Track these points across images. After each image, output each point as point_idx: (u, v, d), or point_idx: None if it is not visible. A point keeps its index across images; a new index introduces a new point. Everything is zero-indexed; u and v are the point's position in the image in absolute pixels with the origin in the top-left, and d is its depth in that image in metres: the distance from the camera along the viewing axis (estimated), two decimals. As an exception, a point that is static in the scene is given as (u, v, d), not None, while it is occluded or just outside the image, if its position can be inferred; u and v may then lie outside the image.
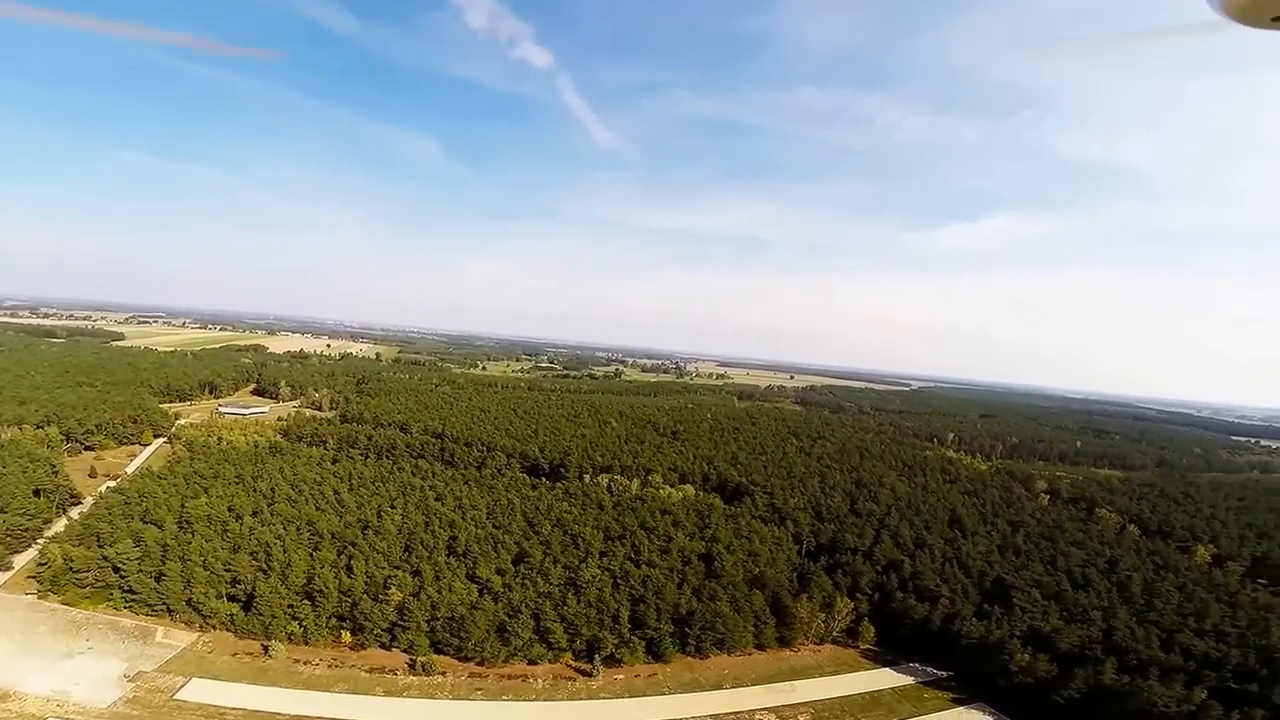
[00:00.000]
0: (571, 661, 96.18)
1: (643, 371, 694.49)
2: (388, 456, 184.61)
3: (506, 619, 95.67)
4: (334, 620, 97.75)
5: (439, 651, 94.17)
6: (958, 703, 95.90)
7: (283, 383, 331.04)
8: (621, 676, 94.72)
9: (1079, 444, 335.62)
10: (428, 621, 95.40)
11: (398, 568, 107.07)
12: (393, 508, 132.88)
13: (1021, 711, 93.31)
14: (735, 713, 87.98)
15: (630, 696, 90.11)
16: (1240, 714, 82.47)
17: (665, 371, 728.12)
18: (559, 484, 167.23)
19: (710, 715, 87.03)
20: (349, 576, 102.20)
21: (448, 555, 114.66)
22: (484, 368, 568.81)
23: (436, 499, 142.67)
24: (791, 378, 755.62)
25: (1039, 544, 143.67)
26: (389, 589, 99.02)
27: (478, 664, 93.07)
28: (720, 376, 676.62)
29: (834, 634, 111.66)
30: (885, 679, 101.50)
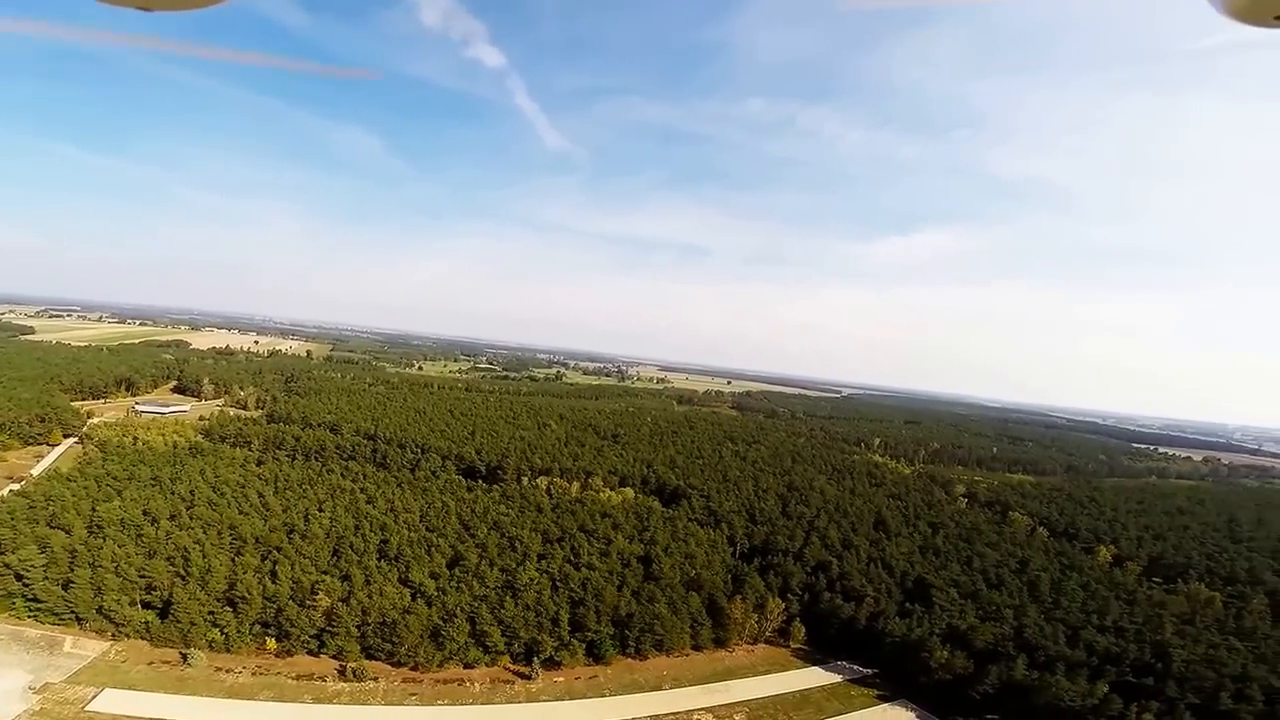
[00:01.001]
0: (510, 665, 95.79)
1: (584, 374, 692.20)
2: (316, 458, 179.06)
3: (441, 623, 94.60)
4: (258, 627, 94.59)
5: (370, 657, 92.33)
6: (883, 699, 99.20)
7: (206, 380, 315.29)
8: (561, 679, 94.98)
9: (995, 450, 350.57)
10: (358, 627, 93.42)
11: (326, 573, 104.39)
12: (321, 511, 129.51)
13: (941, 707, 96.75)
14: (674, 713, 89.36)
15: (570, 699, 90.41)
16: (1138, 706, 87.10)
17: (607, 375, 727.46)
18: (496, 486, 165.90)
19: (650, 716, 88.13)
20: (274, 582, 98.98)
21: (379, 559, 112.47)
22: (420, 368, 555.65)
23: (367, 502, 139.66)
24: (729, 383, 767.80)
25: (957, 545, 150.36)
26: (316, 594, 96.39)
27: (411, 669, 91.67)
28: (661, 381, 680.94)
29: (766, 634, 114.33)
30: (815, 678, 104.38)
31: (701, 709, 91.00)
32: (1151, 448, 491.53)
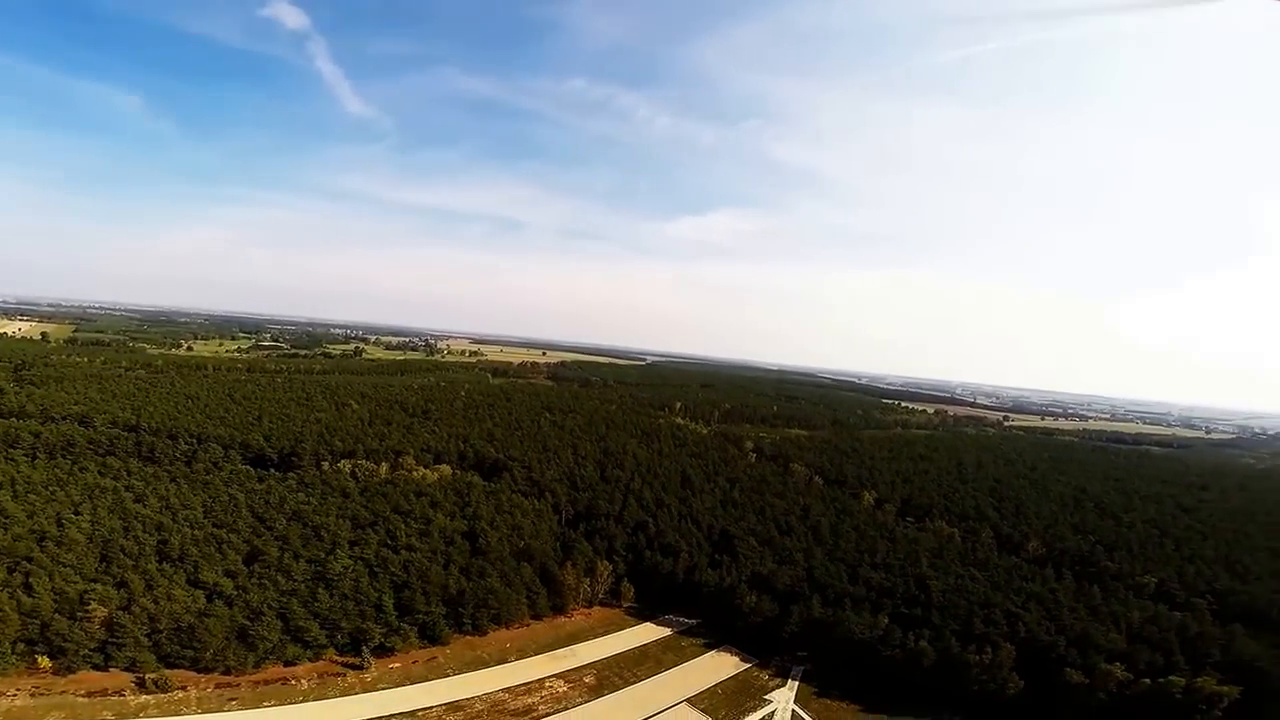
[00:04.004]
0: (336, 657, 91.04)
1: (387, 349, 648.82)
2: (64, 455, 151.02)
3: (248, 623, 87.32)
4: (22, 645, 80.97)
5: (171, 666, 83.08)
6: (709, 647, 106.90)
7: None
8: (398, 665, 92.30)
9: (775, 408, 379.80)
10: (148, 635, 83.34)
11: (95, 580, 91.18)
12: (77, 514, 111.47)
13: (758, 649, 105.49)
14: (526, 683, 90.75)
15: (411, 683, 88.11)
16: (914, 635, 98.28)
17: (413, 349, 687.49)
18: (292, 474, 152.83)
19: (503, 689, 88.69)
20: (29, 595, 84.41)
21: (159, 562, 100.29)
22: (190, 348, 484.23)
23: (136, 500, 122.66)
24: (544, 354, 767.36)
25: (751, 497, 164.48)
26: (88, 604, 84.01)
27: (224, 674, 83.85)
28: (473, 354, 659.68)
29: (599, 596, 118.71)
30: (649, 633, 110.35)
31: (552, 676, 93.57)
32: (896, 402, 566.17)
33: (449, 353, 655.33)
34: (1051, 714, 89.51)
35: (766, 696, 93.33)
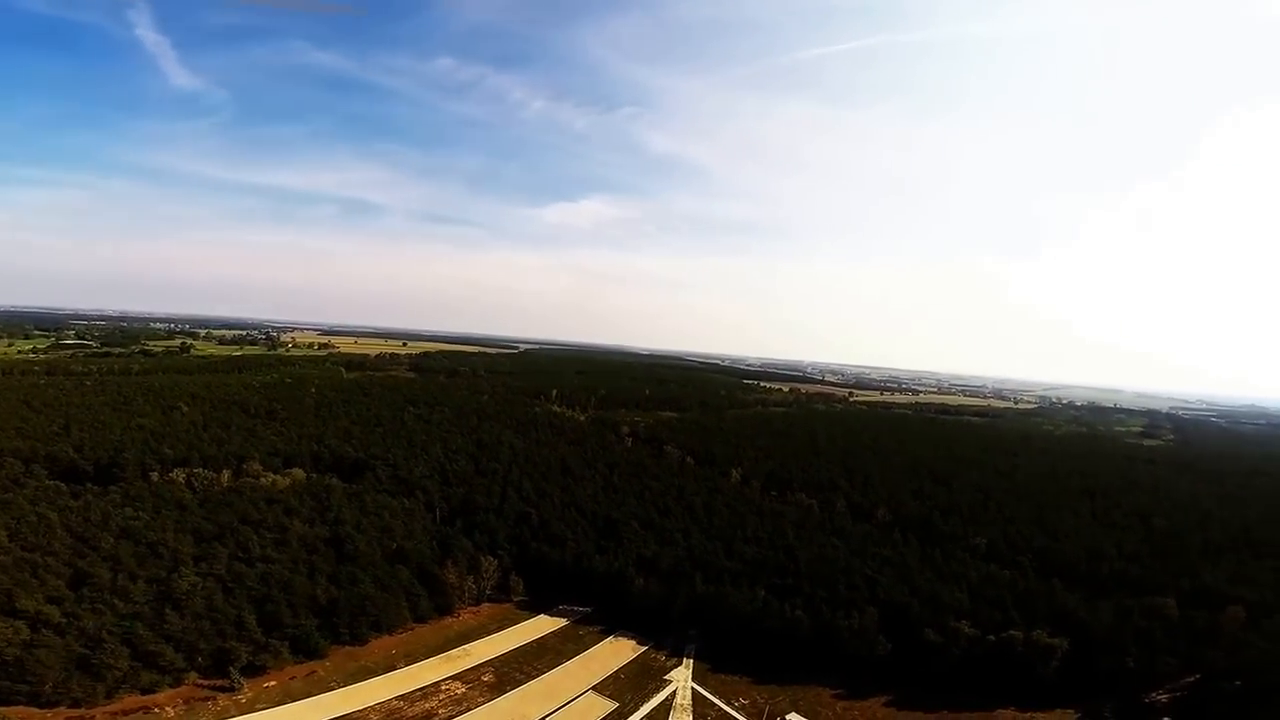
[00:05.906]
0: (201, 681, 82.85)
1: (220, 344, 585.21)
2: None
3: (87, 651, 77.71)
4: None
5: (6, 702, 72.99)
6: (605, 633, 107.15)
7: None
8: (274, 683, 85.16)
9: (648, 391, 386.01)
10: (-34, 672, 71.11)
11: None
12: None
13: (652, 630, 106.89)
14: (420, 689, 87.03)
15: (293, 700, 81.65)
16: (790, 605, 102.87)
17: (252, 343, 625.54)
18: (114, 487, 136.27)
19: (396, 697, 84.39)
20: None
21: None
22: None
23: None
24: (404, 344, 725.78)
25: (630, 481, 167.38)
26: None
27: (71, 707, 74.49)
28: (323, 346, 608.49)
29: (487, 592, 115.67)
30: (544, 625, 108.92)
31: (448, 678, 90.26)
32: (756, 382, 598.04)
33: (295, 346, 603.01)
34: (916, 671, 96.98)
35: (666, 677, 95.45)
